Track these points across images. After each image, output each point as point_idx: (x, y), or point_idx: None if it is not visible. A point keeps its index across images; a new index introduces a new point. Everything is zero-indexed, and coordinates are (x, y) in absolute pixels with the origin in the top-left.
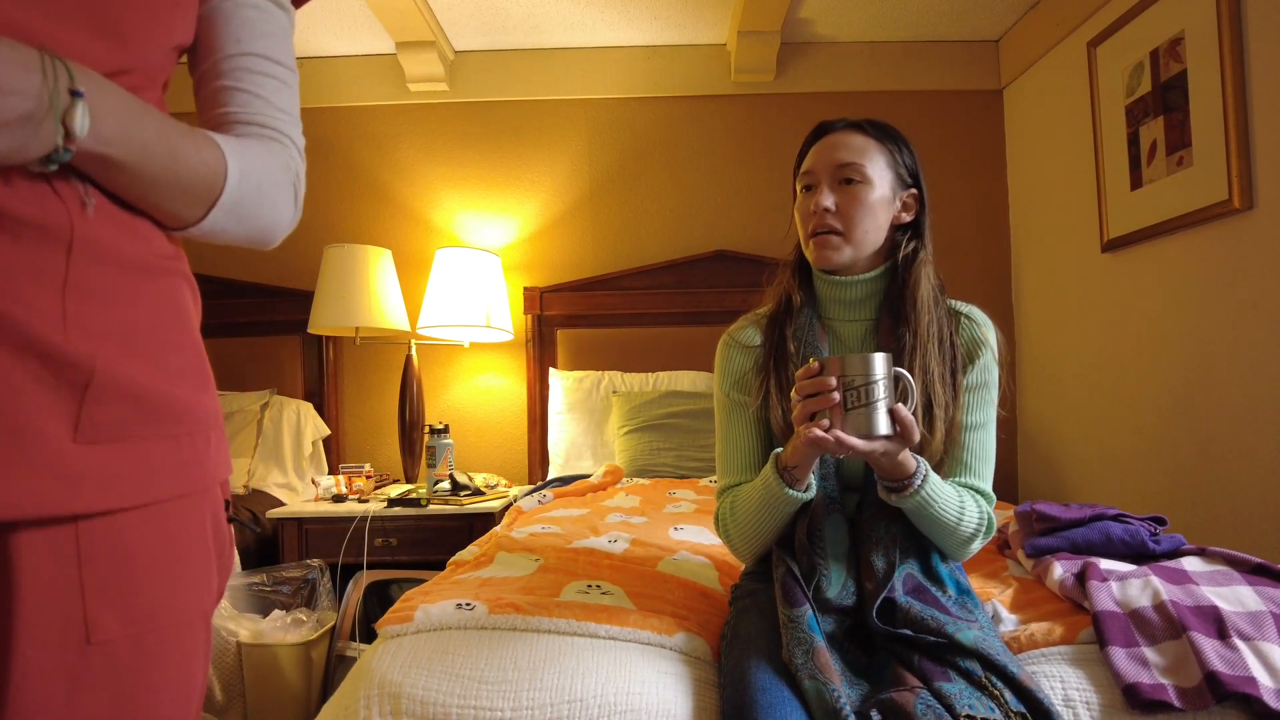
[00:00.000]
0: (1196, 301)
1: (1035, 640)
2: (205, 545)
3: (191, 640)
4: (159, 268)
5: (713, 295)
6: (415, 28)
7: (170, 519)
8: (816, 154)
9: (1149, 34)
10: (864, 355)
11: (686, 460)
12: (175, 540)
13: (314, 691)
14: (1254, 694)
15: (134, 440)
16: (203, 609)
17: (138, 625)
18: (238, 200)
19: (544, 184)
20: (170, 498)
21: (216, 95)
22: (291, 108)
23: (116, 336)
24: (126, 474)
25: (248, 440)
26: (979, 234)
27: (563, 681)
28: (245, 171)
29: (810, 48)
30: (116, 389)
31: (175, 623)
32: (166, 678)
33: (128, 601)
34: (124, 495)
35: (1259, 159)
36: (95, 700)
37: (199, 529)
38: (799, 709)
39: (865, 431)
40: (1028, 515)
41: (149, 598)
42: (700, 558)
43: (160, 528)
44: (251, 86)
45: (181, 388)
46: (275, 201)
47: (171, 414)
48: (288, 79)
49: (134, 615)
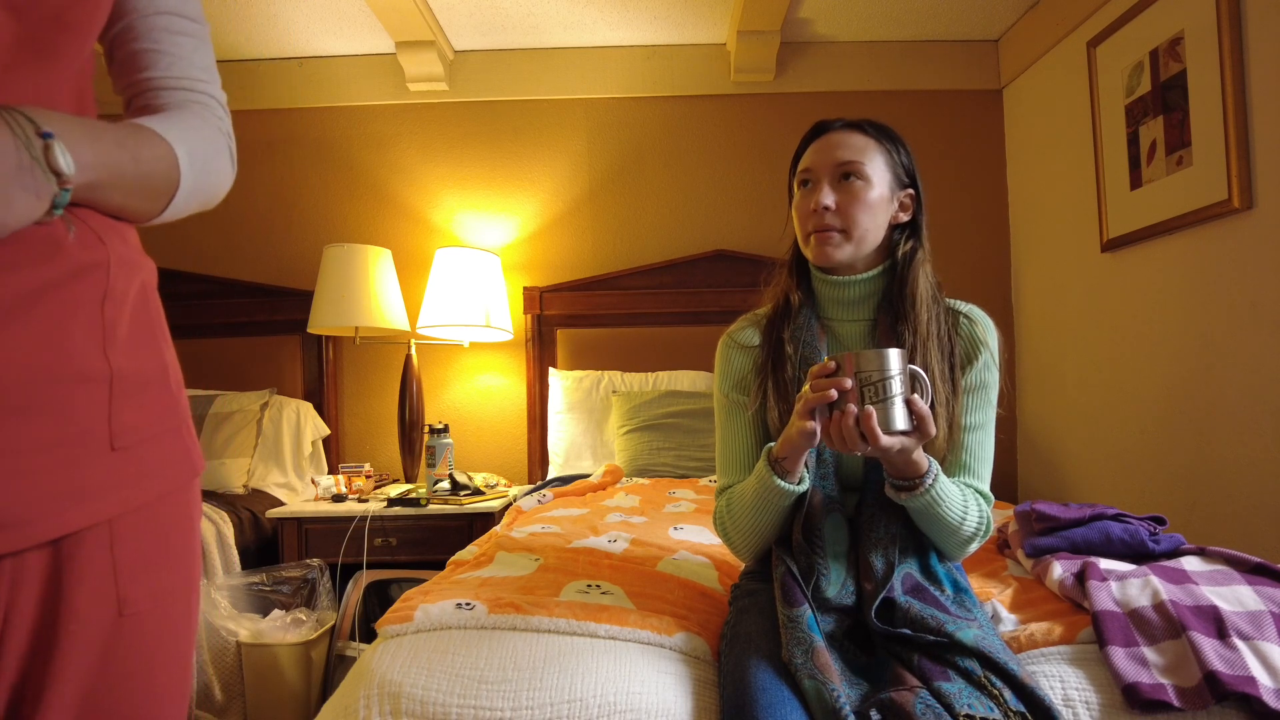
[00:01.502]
0: (1196, 301)
1: (1035, 640)
2: (197, 527)
3: (194, 604)
4: (137, 263)
5: (712, 295)
6: (415, 27)
7: (181, 503)
8: (815, 152)
9: (1149, 34)
10: (880, 350)
11: (686, 460)
12: (185, 521)
13: (314, 691)
14: (1253, 694)
15: (154, 439)
16: (198, 580)
17: (158, 597)
18: (192, 184)
19: (543, 184)
20: (183, 483)
21: (136, 58)
22: (210, 64)
23: (127, 342)
24: (152, 470)
25: (247, 440)
26: (978, 234)
27: (562, 681)
28: (192, 155)
29: (810, 47)
30: (136, 394)
31: (185, 590)
32: (178, 637)
33: (151, 576)
34: (151, 489)
35: (1258, 159)
36: (124, 661)
37: (197, 509)
38: (799, 709)
39: (883, 427)
40: (1027, 515)
41: (166, 571)
42: (700, 557)
43: (174, 511)
44: (171, 47)
45: (173, 380)
46: (219, 169)
47: (173, 408)
48: (202, 34)
49: (156, 588)
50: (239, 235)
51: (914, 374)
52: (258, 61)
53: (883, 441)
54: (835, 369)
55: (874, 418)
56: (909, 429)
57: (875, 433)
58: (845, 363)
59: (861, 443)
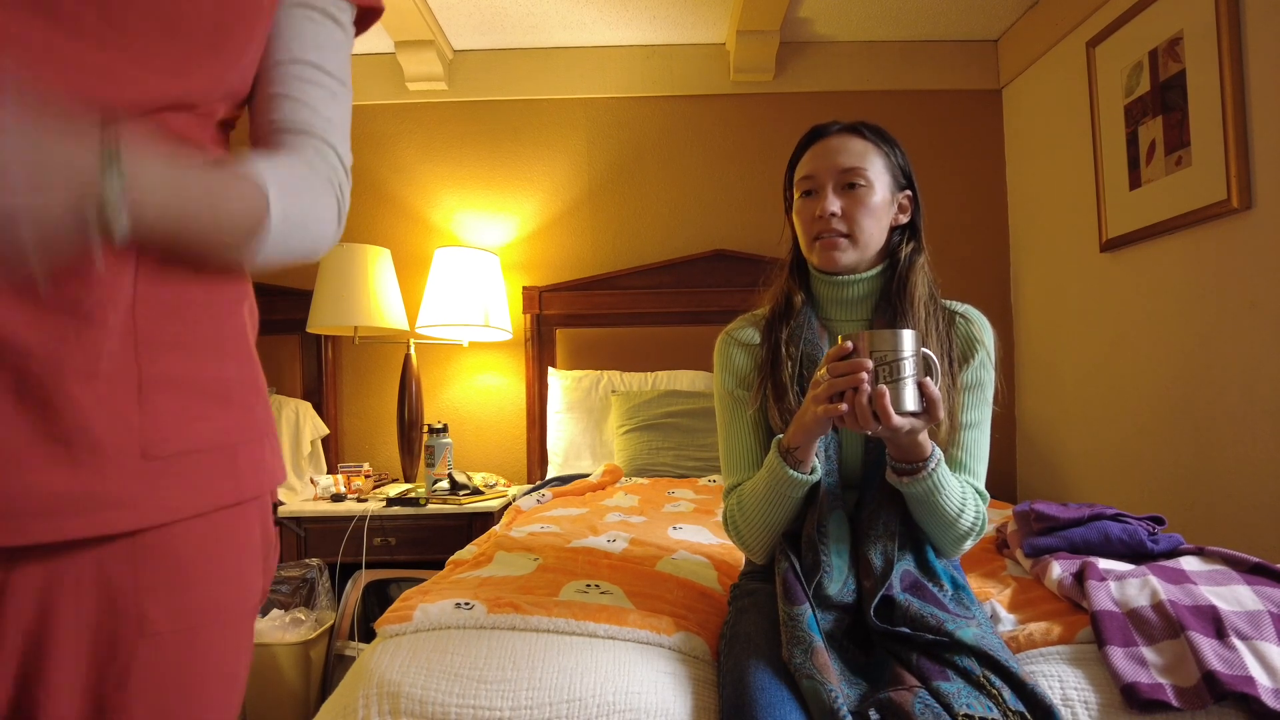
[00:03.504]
0: (1195, 301)
1: (1034, 640)
2: (254, 548)
3: (236, 637)
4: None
5: (711, 294)
6: (414, 27)
7: (223, 525)
8: (816, 158)
9: (1148, 34)
10: (894, 331)
11: (685, 460)
12: (226, 545)
13: (313, 691)
14: (1252, 694)
15: (195, 454)
16: (248, 607)
17: (185, 621)
18: (280, 237)
19: (543, 183)
20: (224, 506)
21: (267, 104)
22: (340, 119)
23: (175, 351)
24: (186, 488)
25: None
26: (978, 234)
27: (561, 681)
28: (287, 208)
29: (809, 47)
30: (181, 404)
31: (222, 621)
32: (213, 669)
33: (177, 599)
34: (183, 508)
35: (1257, 159)
36: (145, 685)
37: (248, 534)
38: (798, 709)
39: (894, 407)
40: (1026, 515)
41: (198, 597)
42: (699, 557)
43: (213, 533)
44: (299, 94)
45: (239, 396)
46: (319, 221)
47: (234, 424)
48: (339, 92)
49: (182, 612)
50: None
51: (926, 357)
52: None
53: (894, 421)
54: (853, 350)
55: (886, 396)
56: (919, 410)
57: (888, 411)
58: (860, 342)
59: (874, 421)
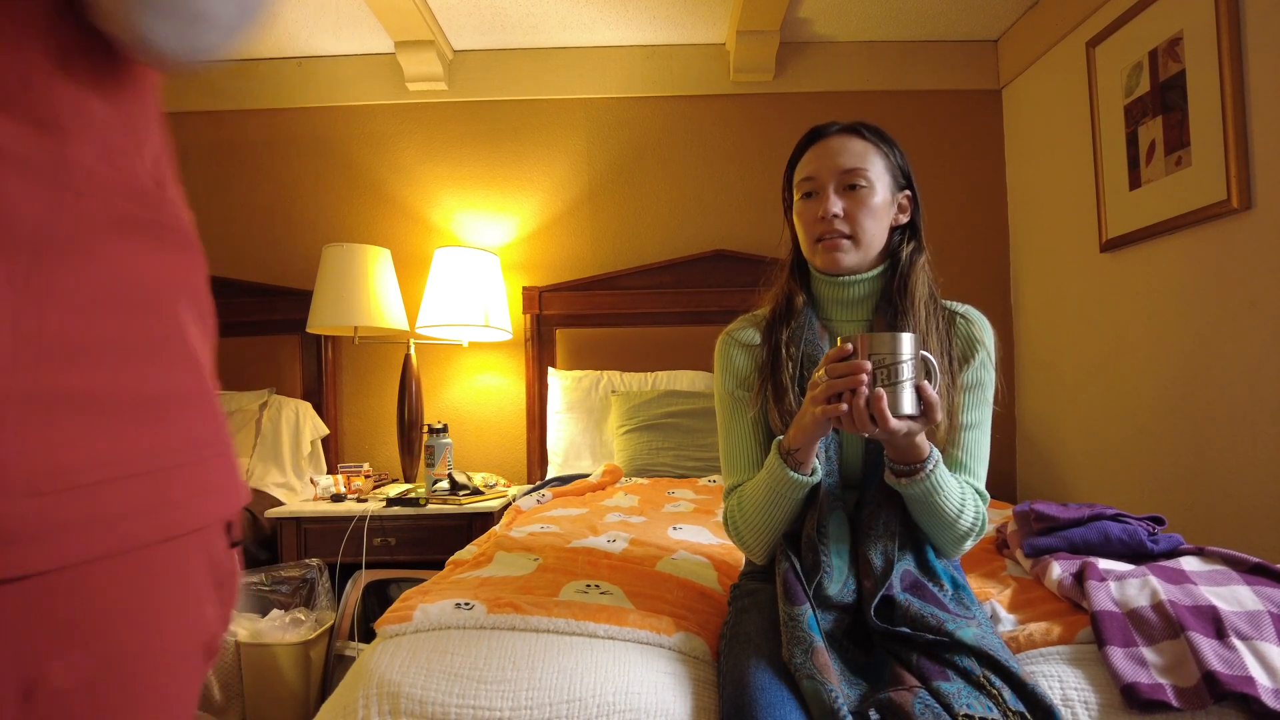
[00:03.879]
0: (1195, 301)
1: (1034, 640)
2: (195, 584)
3: (178, 680)
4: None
5: (711, 295)
6: (414, 27)
7: (153, 561)
8: (816, 160)
9: (1148, 34)
10: (894, 333)
11: (685, 460)
12: (157, 582)
13: (313, 691)
14: (1252, 694)
15: (102, 484)
16: (190, 648)
17: (100, 673)
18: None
19: (543, 183)
20: (147, 544)
21: None
22: None
23: (78, 360)
24: (90, 523)
25: (246, 440)
26: (978, 234)
27: (561, 681)
28: None
29: (809, 47)
30: (80, 427)
31: (155, 667)
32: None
33: (88, 650)
34: (87, 548)
35: (1257, 159)
36: None
37: (187, 569)
38: (798, 709)
39: (892, 410)
40: (1026, 515)
41: (119, 644)
42: (699, 557)
43: (139, 570)
44: None
45: (170, 413)
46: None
47: (155, 447)
48: None
49: (98, 663)
50: (238, 234)
51: (925, 360)
52: (257, 61)
53: (891, 424)
54: (852, 351)
55: (884, 400)
56: (916, 414)
57: (886, 415)
58: (859, 344)
59: (871, 424)
